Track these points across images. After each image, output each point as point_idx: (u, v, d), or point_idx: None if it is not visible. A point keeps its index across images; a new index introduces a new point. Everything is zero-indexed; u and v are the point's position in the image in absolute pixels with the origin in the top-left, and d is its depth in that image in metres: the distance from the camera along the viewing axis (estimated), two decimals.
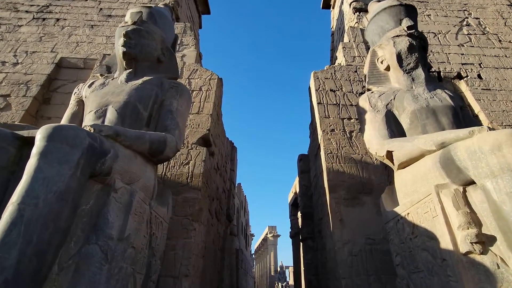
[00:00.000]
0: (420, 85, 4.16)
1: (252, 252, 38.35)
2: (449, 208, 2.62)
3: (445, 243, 2.59)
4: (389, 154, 3.56)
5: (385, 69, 4.54)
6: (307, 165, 10.24)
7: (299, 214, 11.93)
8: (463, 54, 7.84)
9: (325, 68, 7.17)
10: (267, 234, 40.45)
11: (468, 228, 2.43)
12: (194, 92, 6.52)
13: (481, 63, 7.62)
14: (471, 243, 2.37)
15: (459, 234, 2.48)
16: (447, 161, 2.73)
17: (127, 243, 2.74)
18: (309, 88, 7.54)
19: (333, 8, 13.11)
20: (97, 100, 3.87)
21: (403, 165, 3.45)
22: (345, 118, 6.33)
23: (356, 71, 7.12)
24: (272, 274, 36.65)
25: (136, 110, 3.79)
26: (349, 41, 7.96)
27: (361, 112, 4.33)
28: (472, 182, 2.55)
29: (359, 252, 4.78)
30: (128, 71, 4.23)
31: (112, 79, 4.28)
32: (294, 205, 14.29)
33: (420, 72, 4.23)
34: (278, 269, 37.66)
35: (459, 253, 2.45)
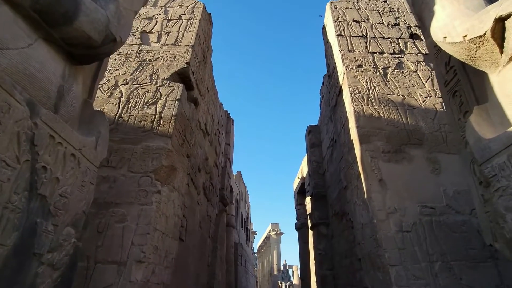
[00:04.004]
0: None
1: (255, 250, 36.69)
2: None
3: None
4: (500, 27, 1.89)
5: None
6: (318, 137, 8.57)
7: (307, 200, 10.27)
8: None
9: None
10: (269, 232, 38.73)
11: None
12: (172, 21, 4.86)
13: None
14: None
15: None
16: None
17: None
18: (323, 27, 5.87)
19: None
20: None
21: None
22: (375, 53, 4.63)
23: (385, 1, 5.45)
24: (275, 273, 34.93)
25: None
26: None
27: None
28: None
29: (413, 226, 3.10)
30: None
31: None
32: (301, 193, 12.61)
33: None
34: (282, 268, 35.95)
35: None
